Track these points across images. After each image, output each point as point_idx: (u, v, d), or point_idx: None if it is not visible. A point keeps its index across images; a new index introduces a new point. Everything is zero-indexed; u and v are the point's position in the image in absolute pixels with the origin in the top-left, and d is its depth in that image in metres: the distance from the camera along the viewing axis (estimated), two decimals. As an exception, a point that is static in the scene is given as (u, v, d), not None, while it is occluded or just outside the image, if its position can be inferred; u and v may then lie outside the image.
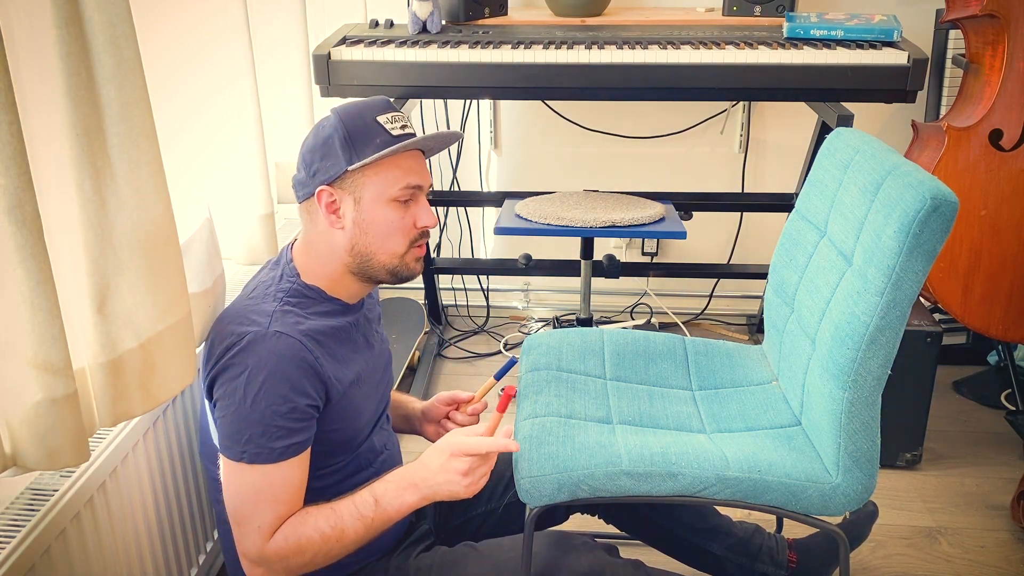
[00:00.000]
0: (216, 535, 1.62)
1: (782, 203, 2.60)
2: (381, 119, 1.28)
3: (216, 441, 1.25)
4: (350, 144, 1.25)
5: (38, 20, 0.99)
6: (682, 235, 2.07)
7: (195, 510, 1.59)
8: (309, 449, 1.25)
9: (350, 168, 1.25)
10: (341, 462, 1.35)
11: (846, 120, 1.98)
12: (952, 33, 2.44)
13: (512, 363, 1.40)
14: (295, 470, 1.23)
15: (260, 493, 1.21)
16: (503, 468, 1.52)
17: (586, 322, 2.30)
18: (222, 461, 1.23)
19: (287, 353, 1.20)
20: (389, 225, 1.29)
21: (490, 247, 2.98)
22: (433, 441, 1.53)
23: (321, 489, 1.31)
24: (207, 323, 1.36)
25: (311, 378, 1.22)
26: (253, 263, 1.73)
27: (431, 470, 1.25)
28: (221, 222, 1.60)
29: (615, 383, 1.55)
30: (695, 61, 2.04)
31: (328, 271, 1.32)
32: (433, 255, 2.82)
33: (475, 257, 2.99)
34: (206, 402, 1.32)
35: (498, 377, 1.42)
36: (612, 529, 1.66)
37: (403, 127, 1.29)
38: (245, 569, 1.25)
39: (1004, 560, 1.89)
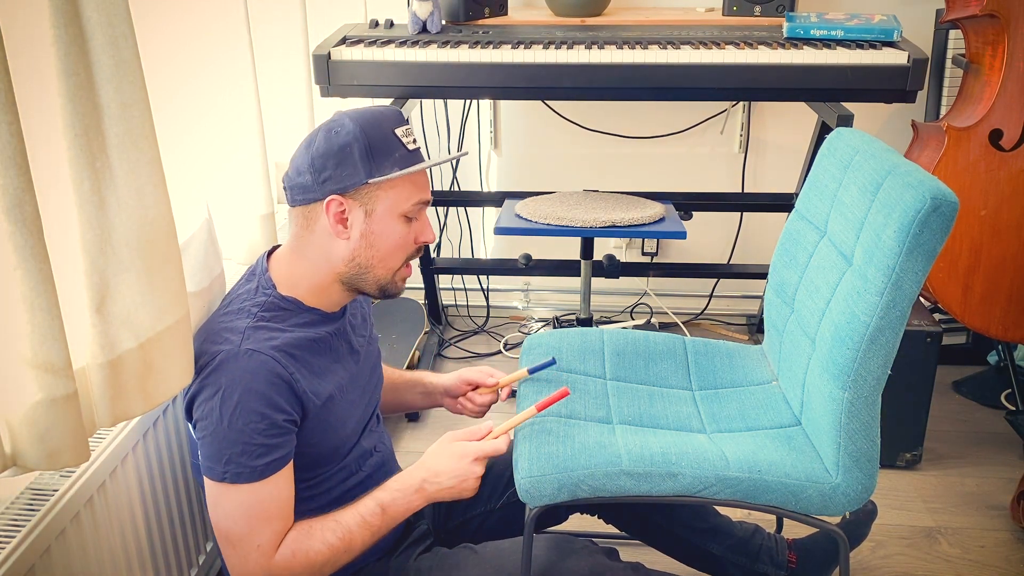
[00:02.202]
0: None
1: (782, 203, 2.60)
2: (398, 132, 1.27)
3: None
4: (370, 156, 1.23)
5: (37, 20, 0.99)
6: (682, 235, 2.07)
7: (195, 511, 1.59)
8: (292, 462, 1.25)
9: (370, 181, 1.24)
10: (330, 471, 1.34)
11: (846, 120, 1.98)
12: (952, 33, 2.44)
13: (551, 363, 1.43)
14: (281, 485, 1.22)
15: (251, 512, 1.20)
16: (503, 468, 1.52)
17: (586, 322, 2.30)
18: (205, 482, 1.22)
19: (259, 370, 1.19)
20: (395, 241, 1.29)
21: (490, 247, 2.98)
22: (452, 411, 1.59)
23: (313, 498, 1.31)
24: (201, 323, 1.36)
25: (285, 394, 1.22)
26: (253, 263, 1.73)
27: (446, 475, 1.28)
28: (221, 222, 1.60)
29: (615, 383, 1.55)
30: (695, 61, 2.04)
31: (314, 280, 1.31)
32: (433, 255, 2.82)
33: (475, 257, 2.99)
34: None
35: (532, 372, 1.44)
36: (612, 529, 1.66)
37: (414, 140, 1.30)
38: None
39: (1004, 560, 1.89)
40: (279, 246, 1.38)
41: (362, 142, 1.23)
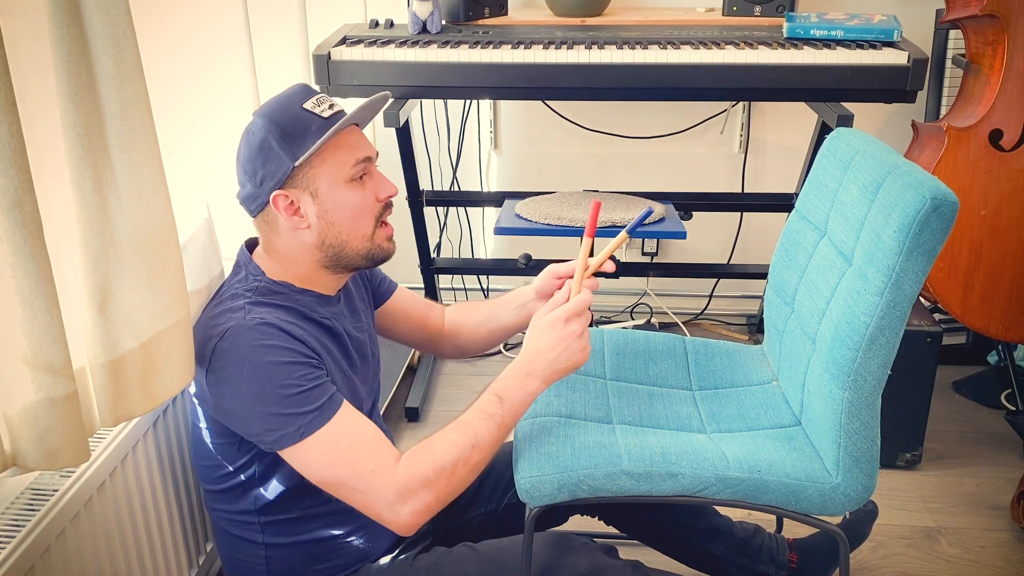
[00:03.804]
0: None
1: (782, 203, 2.60)
2: (307, 105, 1.26)
3: (249, 438, 1.23)
4: (287, 141, 1.23)
5: (38, 20, 0.99)
6: (682, 235, 2.07)
7: (195, 511, 1.59)
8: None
9: (296, 164, 1.24)
10: None
11: (846, 120, 1.98)
12: (952, 33, 2.44)
13: (649, 213, 1.35)
14: (354, 412, 1.21)
15: (341, 446, 1.18)
16: (503, 468, 1.52)
17: (586, 322, 2.30)
18: (288, 454, 1.19)
19: (270, 330, 1.20)
20: (353, 208, 1.28)
21: (490, 247, 2.98)
22: None
23: (319, 491, 1.31)
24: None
25: (301, 345, 1.22)
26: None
27: (547, 348, 1.25)
28: (221, 222, 1.60)
29: (615, 383, 1.55)
30: (695, 61, 2.04)
31: (299, 271, 1.31)
32: (433, 255, 2.82)
33: (475, 257, 2.99)
34: (199, 411, 1.31)
35: (631, 231, 1.36)
36: (612, 529, 1.66)
37: (331, 106, 1.28)
38: (389, 520, 1.19)
39: (1004, 560, 1.89)
40: (256, 238, 1.37)
41: (275, 131, 1.23)
